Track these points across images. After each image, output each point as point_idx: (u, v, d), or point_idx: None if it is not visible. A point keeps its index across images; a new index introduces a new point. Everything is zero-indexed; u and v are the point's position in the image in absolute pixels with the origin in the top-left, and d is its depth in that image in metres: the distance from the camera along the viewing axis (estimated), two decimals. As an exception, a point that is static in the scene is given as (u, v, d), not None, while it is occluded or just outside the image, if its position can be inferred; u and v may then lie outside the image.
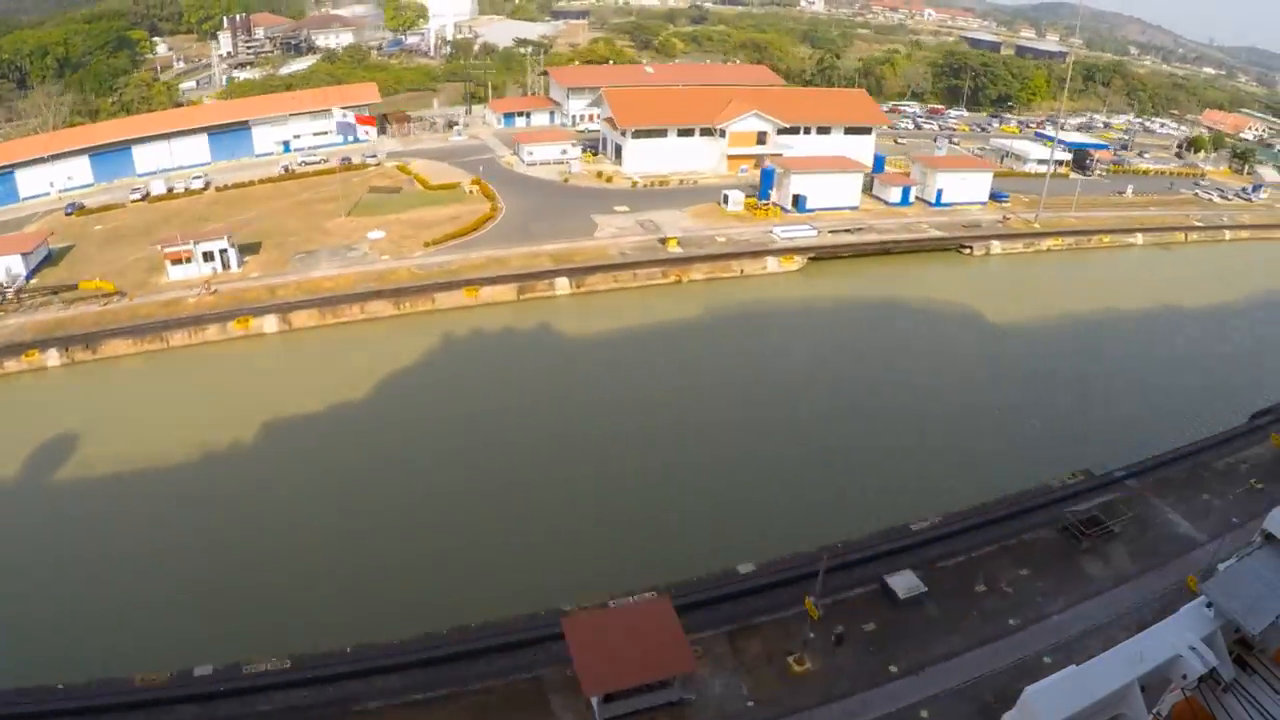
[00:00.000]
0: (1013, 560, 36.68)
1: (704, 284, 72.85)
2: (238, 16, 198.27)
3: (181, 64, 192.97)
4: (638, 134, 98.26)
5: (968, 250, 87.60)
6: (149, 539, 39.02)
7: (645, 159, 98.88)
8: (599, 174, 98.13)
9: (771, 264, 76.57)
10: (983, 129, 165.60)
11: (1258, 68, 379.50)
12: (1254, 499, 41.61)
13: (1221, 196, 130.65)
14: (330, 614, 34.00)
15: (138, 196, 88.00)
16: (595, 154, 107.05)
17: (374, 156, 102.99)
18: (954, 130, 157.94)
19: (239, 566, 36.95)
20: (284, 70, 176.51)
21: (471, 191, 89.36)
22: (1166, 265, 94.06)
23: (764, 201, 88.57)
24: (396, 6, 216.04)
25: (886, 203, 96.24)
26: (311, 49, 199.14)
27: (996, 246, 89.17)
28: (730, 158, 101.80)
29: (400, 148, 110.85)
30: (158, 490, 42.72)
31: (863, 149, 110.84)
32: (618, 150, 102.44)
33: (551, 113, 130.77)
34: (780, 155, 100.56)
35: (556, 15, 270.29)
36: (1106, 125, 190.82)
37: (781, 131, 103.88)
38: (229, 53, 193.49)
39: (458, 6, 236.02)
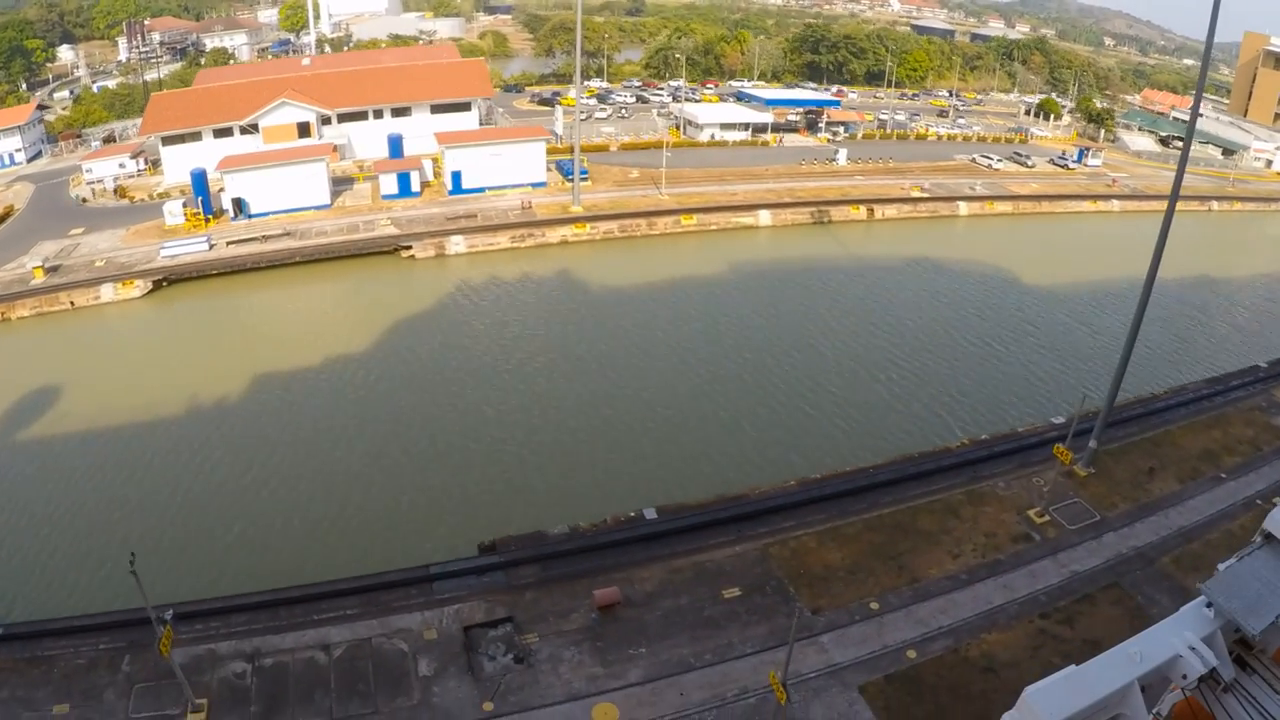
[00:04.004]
0: None
1: (33, 321, 65.76)
2: (133, 21, 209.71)
3: (82, 70, 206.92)
4: (170, 140, 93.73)
5: (407, 252, 76.85)
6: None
7: (185, 166, 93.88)
8: (121, 190, 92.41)
9: (107, 292, 68.44)
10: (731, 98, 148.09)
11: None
12: None
13: (1019, 163, 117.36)
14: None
15: None
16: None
17: None
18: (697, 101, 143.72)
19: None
20: (146, 77, 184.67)
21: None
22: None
23: (198, 211, 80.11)
24: (291, 7, 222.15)
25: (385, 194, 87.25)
26: (200, 53, 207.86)
27: (459, 244, 78.20)
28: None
29: (34, 170, 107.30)
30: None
31: (461, 128, 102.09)
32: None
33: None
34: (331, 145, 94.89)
35: (491, 10, 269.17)
36: (951, 95, 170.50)
37: (343, 118, 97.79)
38: (127, 58, 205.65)
39: (372, 4, 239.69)
